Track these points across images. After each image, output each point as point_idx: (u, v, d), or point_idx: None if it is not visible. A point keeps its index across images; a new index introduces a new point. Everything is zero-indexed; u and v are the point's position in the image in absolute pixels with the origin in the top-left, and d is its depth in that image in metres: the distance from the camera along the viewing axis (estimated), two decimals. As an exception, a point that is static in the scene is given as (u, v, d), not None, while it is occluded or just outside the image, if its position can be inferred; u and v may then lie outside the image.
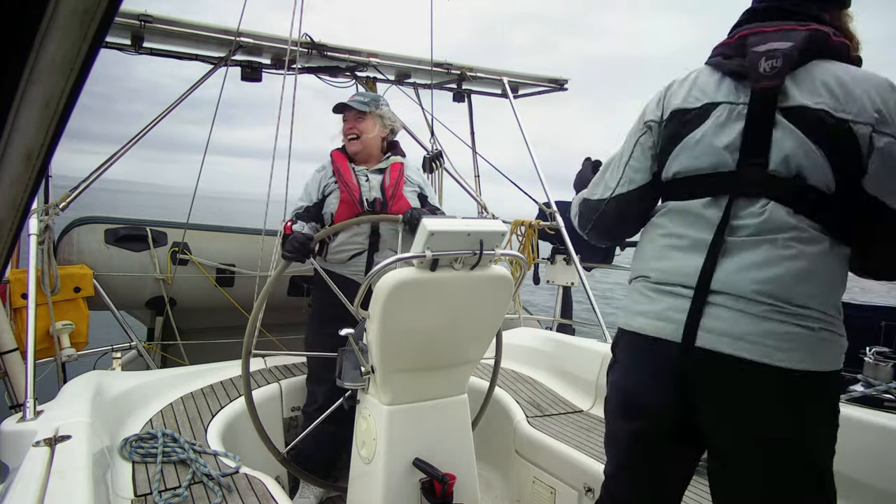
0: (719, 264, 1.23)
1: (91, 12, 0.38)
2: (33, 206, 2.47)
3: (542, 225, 4.20)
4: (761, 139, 1.21)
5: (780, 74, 1.21)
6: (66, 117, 0.44)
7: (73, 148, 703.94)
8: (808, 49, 1.21)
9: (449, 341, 1.96)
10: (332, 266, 2.55)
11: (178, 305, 3.58)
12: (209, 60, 3.49)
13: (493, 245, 1.86)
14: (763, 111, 1.22)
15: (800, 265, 1.17)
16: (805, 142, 1.17)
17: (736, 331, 1.19)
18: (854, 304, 4.91)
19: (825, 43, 1.22)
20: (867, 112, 1.14)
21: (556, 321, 4.62)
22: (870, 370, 2.79)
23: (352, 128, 2.61)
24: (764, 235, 1.20)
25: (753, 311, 1.18)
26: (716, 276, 1.23)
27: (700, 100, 1.31)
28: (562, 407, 2.73)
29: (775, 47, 1.23)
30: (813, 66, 1.21)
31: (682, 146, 1.32)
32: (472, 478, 2.08)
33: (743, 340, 1.18)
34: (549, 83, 4.54)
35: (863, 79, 1.18)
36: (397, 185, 2.60)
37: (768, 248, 1.19)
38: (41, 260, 2.67)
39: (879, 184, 1.15)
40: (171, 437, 1.99)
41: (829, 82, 1.18)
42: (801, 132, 1.18)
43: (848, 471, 1.84)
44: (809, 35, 1.22)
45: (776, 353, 1.16)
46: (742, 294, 1.20)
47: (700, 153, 1.28)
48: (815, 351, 1.17)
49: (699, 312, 1.23)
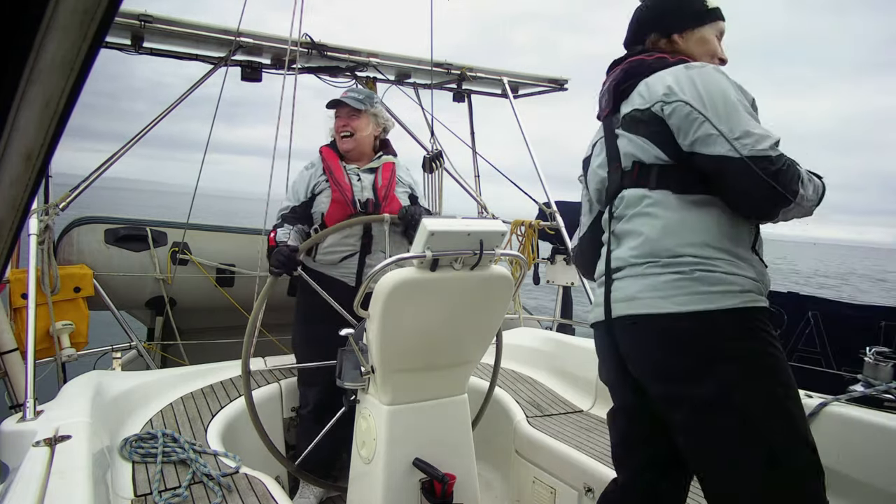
0: (613, 251, 1.52)
1: (91, 12, 0.38)
2: (33, 206, 2.47)
3: (542, 225, 4.20)
4: (613, 151, 1.56)
5: (609, 105, 1.58)
6: (66, 117, 0.44)
7: (76, 146, 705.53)
8: (627, 77, 1.54)
9: (449, 341, 1.96)
10: (322, 267, 2.51)
11: (178, 305, 3.58)
12: (209, 60, 3.49)
13: (493, 245, 1.86)
14: (609, 132, 1.59)
15: (658, 223, 1.41)
16: (633, 137, 1.49)
17: (630, 293, 1.42)
18: (854, 304, 4.92)
19: (642, 65, 1.53)
20: (659, 94, 1.42)
21: (556, 321, 4.62)
22: (870, 370, 2.79)
23: (345, 125, 2.56)
24: (630, 212, 1.48)
25: (636, 272, 1.42)
26: (612, 258, 1.51)
27: (590, 145, 1.72)
28: (562, 407, 2.73)
29: (604, 88, 1.62)
30: (640, 84, 1.51)
31: (587, 179, 1.71)
32: (472, 478, 2.08)
33: (635, 300, 1.41)
34: (549, 83, 4.54)
35: (664, 73, 1.45)
36: (389, 186, 2.57)
37: (634, 221, 1.46)
38: (41, 260, 2.67)
39: (685, 137, 1.38)
40: (171, 437, 1.99)
41: (640, 89, 1.49)
42: (629, 132, 1.50)
43: (848, 471, 1.84)
44: (623, 69, 1.56)
45: (660, 302, 1.35)
46: (628, 263, 1.45)
47: (591, 179, 1.67)
48: (694, 290, 1.33)
49: (609, 292, 1.49)
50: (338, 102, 2.58)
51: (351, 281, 2.50)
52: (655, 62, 1.52)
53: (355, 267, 2.50)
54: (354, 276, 2.50)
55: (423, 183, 3.88)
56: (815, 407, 1.95)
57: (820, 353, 4.46)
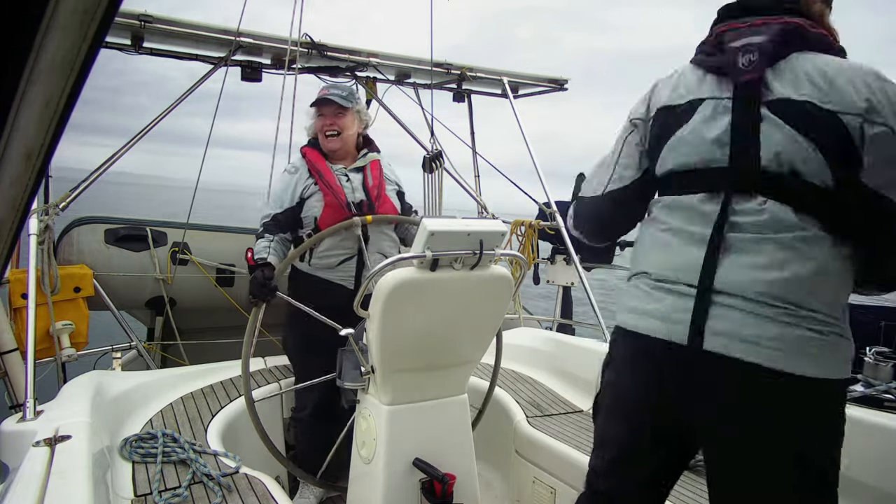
0: (720, 262, 1.21)
1: (91, 12, 0.38)
2: (33, 206, 2.47)
3: (542, 225, 4.20)
4: (749, 133, 1.20)
5: (759, 68, 1.20)
6: (66, 117, 0.44)
7: (80, 140, 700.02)
8: (785, 41, 1.20)
9: (449, 341, 1.96)
10: (319, 271, 2.47)
11: (178, 305, 3.58)
12: (209, 60, 3.49)
13: (493, 245, 1.86)
14: (747, 105, 1.21)
15: (807, 267, 1.14)
16: (794, 135, 1.15)
17: (745, 333, 1.16)
18: (854, 304, 4.91)
19: (801, 34, 1.21)
20: (854, 103, 1.12)
21: (556, 321, 4.62)
22: (870, 370, 2.79)
23: (332, 124, 2.47)
24: (766, 234, 1.17)
25: (762, 312, 1.15)
26: (718, 274, 1.20)
27: (685, 97, 1.32)
28: (562, 407, 2.73)
29: (750, 42, 1.23)
30: (794, 59, 1.19)
31: (672, 142, 1.32)
32: (472, 478, 2.08)
33: (750, 343, 1.16)
34: (549, 83, 4.54)
35: (847, 69, 1.15)
36: (380, 186, 2.53)
37: (773, 249, 1.16)
38: (41, 260, 2.66)
39: (878, 174, 1.12)
40: (171, 437, 1.99)
41: (812, 74, 1.16)
42: (789, 125, 1.16)
43: (848, 471, 1.84)
44: (782, 28, 1.21)
45: (786, 360, 1.14)
46: (748, 295, 1.17)
47: (690, 149, 1.28)
48: (823, 356, 1.15)
49: (705, 313, 1.20)
50: (322, 100, 2.49)
51: (350, 284, 2.47)
52: (816, 38, 1.21)
53: (353, 270, 2.47)
54: (353, 278, 2.47)
55: (423, 183, 3.87)
56: None
57: (820, 354, 4.45)
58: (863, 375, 2.58)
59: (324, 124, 2.50)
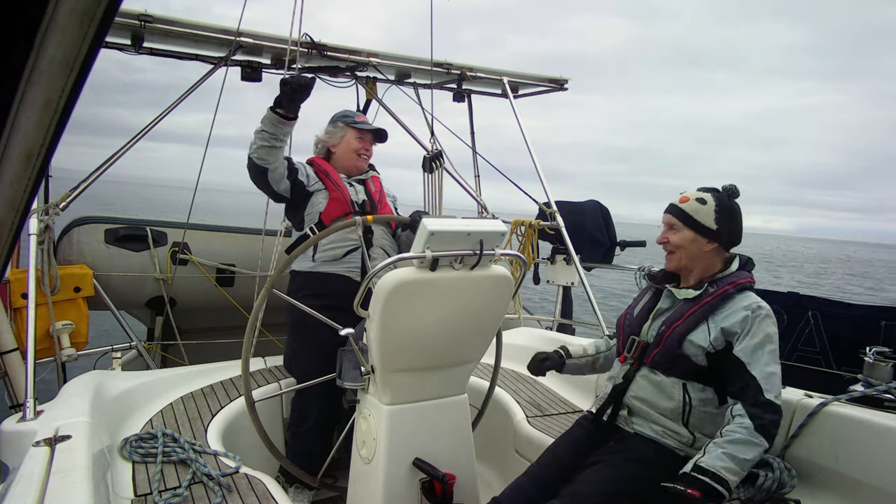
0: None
1: (91, 12, 0.38)
2: (33, 206, 2.47)
3: (542, 225, 4.20)
4: None
5: None
6: (66, 117, 0.44)
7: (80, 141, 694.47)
8: None
9: (449, 341, 1.96)
10: (324, 266, 2.54)
11: (178, 305, 3.58)
12: (209, 60, 3.49)
13: (493, 245, 1.86)
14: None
15: None
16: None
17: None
18: (854, 304, 4.90)
19: None
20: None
21: (556, 321, 4.62)
22: (870, 370, 2.79)
23: (368, 149, 2.79)
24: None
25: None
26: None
27: None
28: (562, 407, 2.73)
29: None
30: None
31: None
32: (472, 478, 2.08)
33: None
34: (549, 83, 4.54)
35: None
36: (381, 193, 2.78)
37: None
38: (41, 260, 2.66)
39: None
40: (171, 437, 1.99)
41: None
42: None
43: (848, 471, 1.84)
44: None
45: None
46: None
47: None
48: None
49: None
50: (379, 131, 2.81)
51: (356, 275, 2.54)
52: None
53: (359, 261, 2.54)
54: (359, 269, 2.54)
55: (424, 183, 3.87)
56: (815, 407, 1.95)
57: (820, 353, 4.45)
58: (863, 375, 2.58)
59: (364, 147, 2.77)
